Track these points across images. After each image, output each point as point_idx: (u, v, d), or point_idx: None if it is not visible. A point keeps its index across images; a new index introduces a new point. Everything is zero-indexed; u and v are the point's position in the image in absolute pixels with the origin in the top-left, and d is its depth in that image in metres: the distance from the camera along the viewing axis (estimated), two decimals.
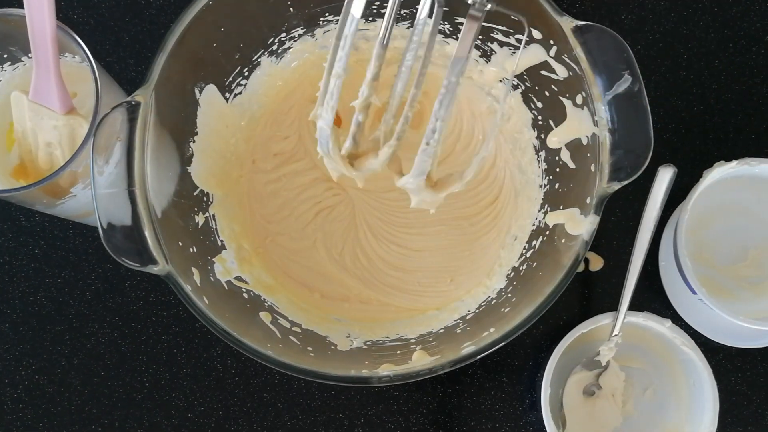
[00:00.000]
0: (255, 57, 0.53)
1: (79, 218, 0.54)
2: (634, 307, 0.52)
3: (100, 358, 0.58)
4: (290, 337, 0.48)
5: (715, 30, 0.62)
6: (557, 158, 0.50)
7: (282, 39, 0.53)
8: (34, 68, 0.46)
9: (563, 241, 0.46)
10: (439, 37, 0.54)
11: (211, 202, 0.52)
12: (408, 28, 0.54)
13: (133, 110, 0.42)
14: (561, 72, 0.46)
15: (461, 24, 0.51)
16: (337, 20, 0.53)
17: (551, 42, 0.46)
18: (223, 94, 0.52)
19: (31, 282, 0.59)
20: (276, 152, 0.57)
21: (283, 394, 0.57)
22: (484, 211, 0.56)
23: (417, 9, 0.51)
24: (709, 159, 0.57)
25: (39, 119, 0.47)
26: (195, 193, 0.50)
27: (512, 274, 0.51)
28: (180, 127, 0.49)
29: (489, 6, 0.34)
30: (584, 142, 0.46)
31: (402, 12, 0.52)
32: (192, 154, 0.50)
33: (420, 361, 0.45)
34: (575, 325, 0.52)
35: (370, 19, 0.53)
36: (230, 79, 0.52)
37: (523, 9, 0.46)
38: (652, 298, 0.58)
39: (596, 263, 0.58)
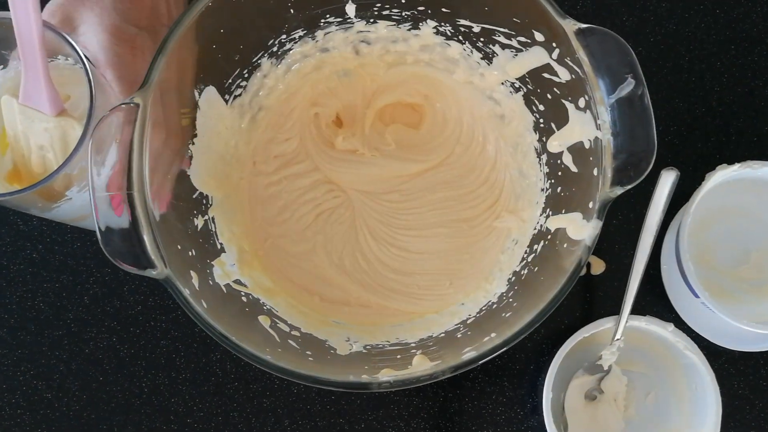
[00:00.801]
0: (255, 59, 0.53)
1: (76, 222, 0.53)
2: (636, 311, 0.51)
3: (99, 363, 0.57)
4: (289, 341, 0.48)
5: (717, 32, 0.62)
6: (559, 162, 0.50)
7: (282, 41, 0.53)
8: (23, 70, 0.45)
9: (565, 245, 0.45)
10: (440, 39, 0.53)
11: (211, 205, 0.51)
12: (409, 30, 0.53)
13: (132, 112, 0.41)
14: (563, 75, 0.46)
15: (462, 26, 0.51)
16: (338, 22, 0.53)
17: (554, 44, 0.46)
18: (222, 96, 0.52)
19: (29, 287, 0.58)
20: (277, 154, 0.56)
21: (282, 399, 0.57)
22: (484, 214, 0.55)
23: (418, 10, 0.51)
24: (711, 162, 0.56)
25: (30, 122, 0.46)
26: (194, 196, 0.50)
27: (513, 278, 0.51)
28: None
29: None
30: (587, 145, 0.45)
31: (404, 14, 0.52)
32: (191, 156, 0.50)
33: (420, 366, 0.45)
34: (577, 329, 0.52)
35: (371, 21, 0.53)
36: (230, 81, 0.52)
37: (525, 11, 0.46)
38: (655, 301, 0.58)
39: (598, 267, 0.58)
